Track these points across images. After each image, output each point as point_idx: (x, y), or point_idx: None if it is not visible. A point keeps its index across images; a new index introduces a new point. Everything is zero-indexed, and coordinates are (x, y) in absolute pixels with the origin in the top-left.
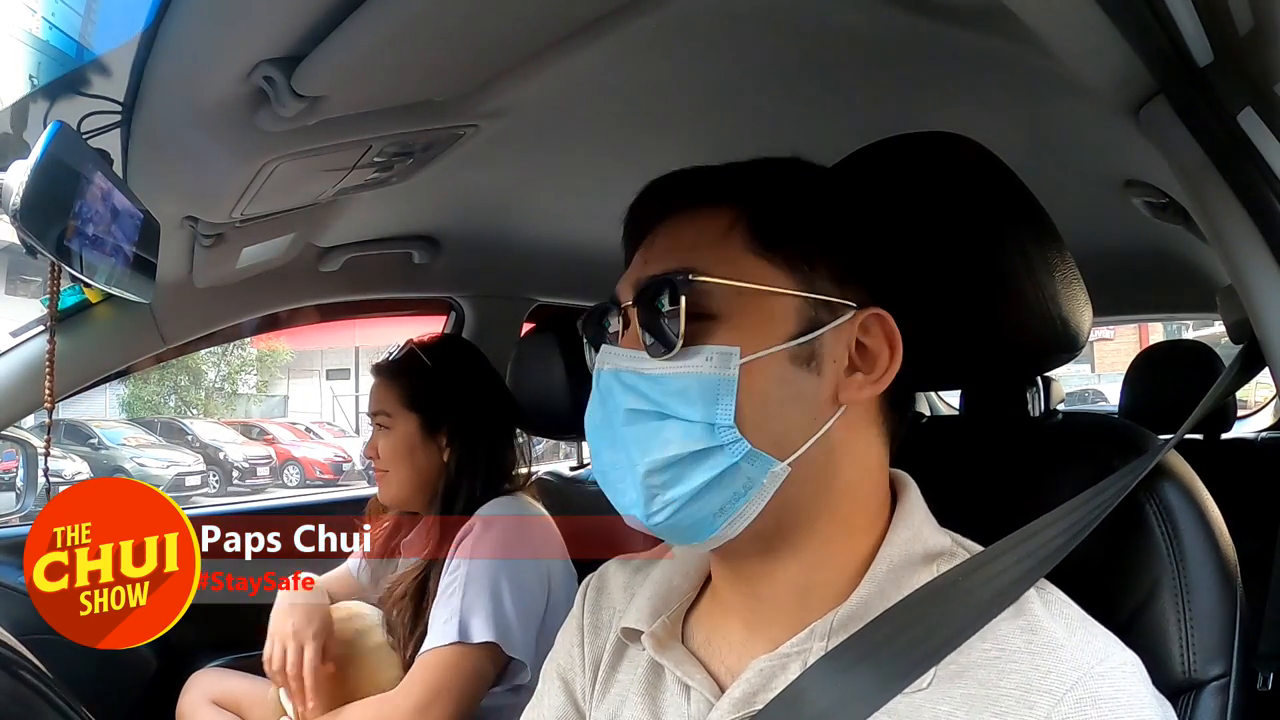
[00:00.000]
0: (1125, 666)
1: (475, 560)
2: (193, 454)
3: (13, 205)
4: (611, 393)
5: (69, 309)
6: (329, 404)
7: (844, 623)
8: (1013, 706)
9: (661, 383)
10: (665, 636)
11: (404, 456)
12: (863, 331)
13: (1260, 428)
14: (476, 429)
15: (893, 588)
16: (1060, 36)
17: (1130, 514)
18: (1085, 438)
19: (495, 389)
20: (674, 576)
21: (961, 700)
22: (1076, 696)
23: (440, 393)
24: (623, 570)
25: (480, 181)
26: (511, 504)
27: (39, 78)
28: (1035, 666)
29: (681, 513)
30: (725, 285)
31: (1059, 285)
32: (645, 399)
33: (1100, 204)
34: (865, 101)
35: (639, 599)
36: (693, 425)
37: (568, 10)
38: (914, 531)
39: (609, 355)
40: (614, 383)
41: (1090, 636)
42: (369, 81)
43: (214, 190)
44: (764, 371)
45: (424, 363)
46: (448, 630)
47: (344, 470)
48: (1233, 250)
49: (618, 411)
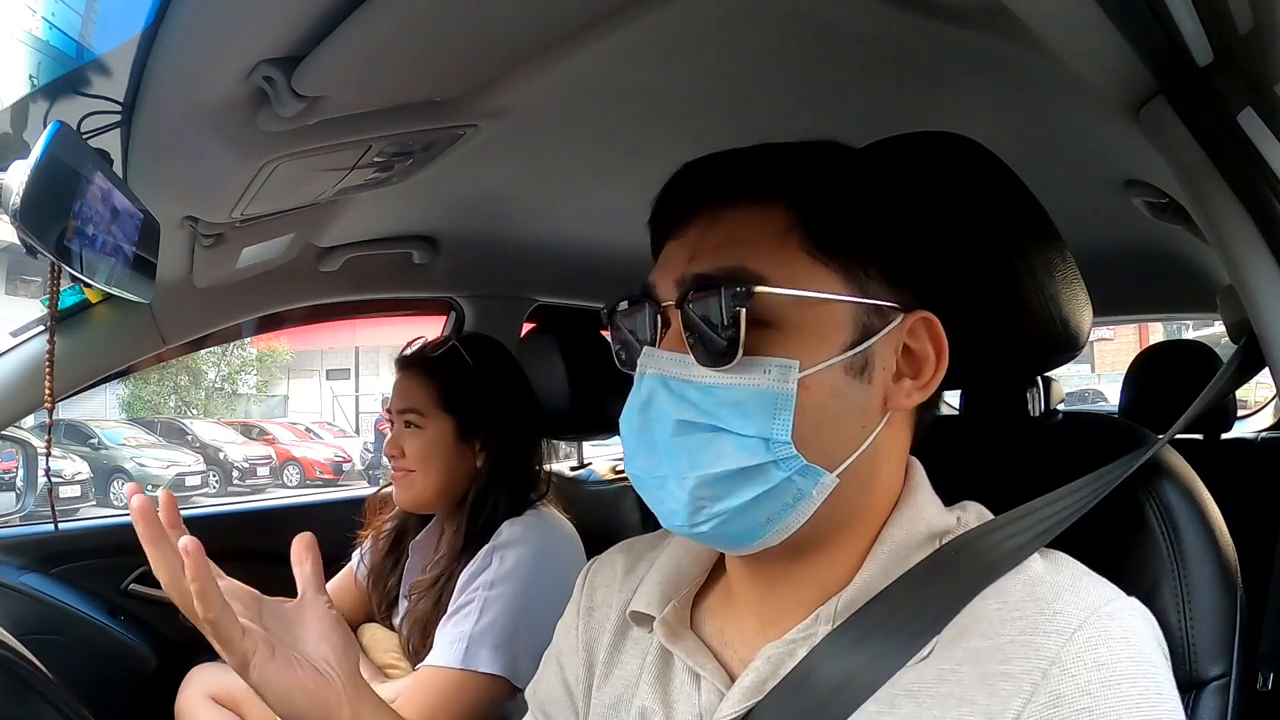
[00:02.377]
0: (1133, 609)
1: (496, 588)
2: (193, 454)
3: (13, 205)
4: (655, 400)
5: (69, 309)
6: (329, 404)
7: (848, 605)
8: (1018, 651)
9: (714, 394)
10: (676, 624)
11: (434, 459)
12: (910, 335)
13: (1260, 428)
14: (512, 435)
15: (896, 566)
16: (1060, 36)
17: (1130, 513)
18: (1086, 437)
19: (528, 393)
20: (683, 560)
21: (965, 655)
22: (1086, 635)
23: (480, 395)
24: (625, 554)
25: (480, 181)
26: (538, 525)
27: (39, 78)
28: (1040, 611)
29: (728, 524)
30: (788, 296)
31: (1059, 285)
32: (696, 409)
33: (1100, 204)
34: (865, 101)
35: (648, 582)
36: (746, 440)
37: (568, 10)
38: (915, 512)
39: (653, 359)
40: (660, 389)
41: (1096, 583)
42: (369, 81)
43: (214, 190)
44: (820, 384)
45: (465, 361)
46: (451, 653)
47: (344, 470)
48: (1233, 250)
49: (664, 420)
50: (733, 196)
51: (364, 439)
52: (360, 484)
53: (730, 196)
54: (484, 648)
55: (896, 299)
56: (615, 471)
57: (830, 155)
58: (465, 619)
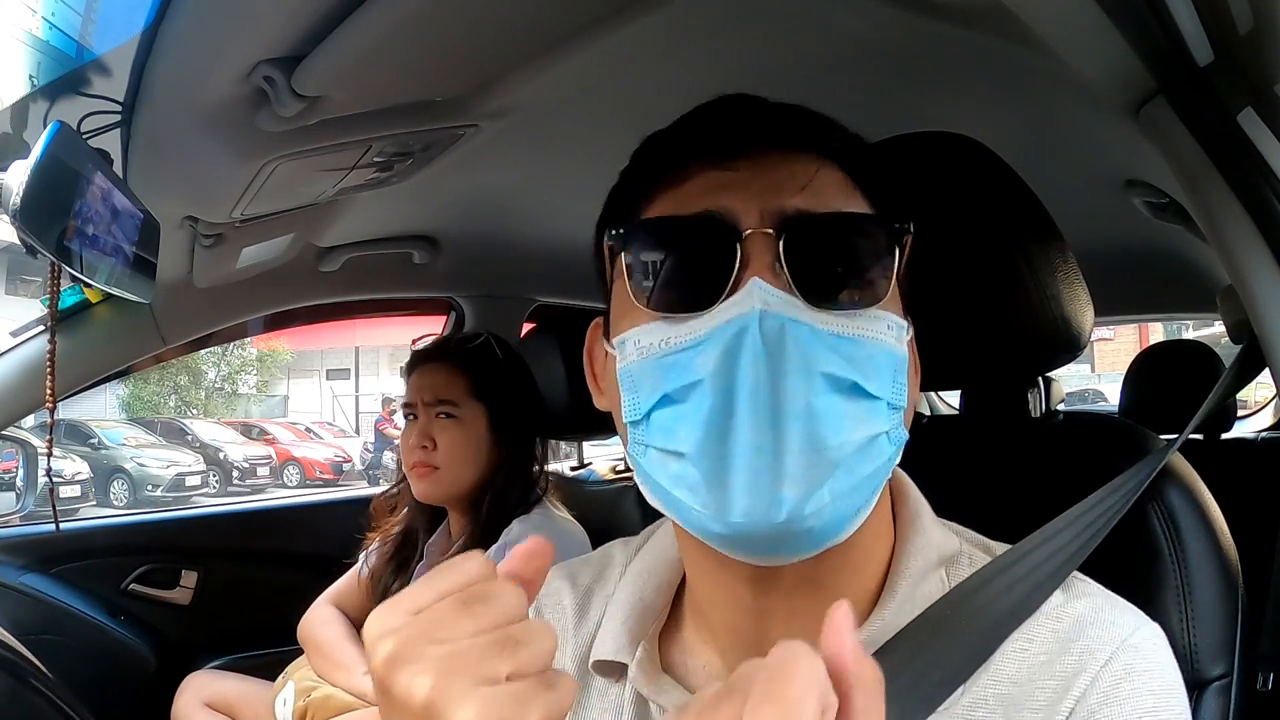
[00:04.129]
0: (1157, 638)
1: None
2: (193, 454)
3: (13, 205)
4: (786, 348)
5: (69, 309)
6: (329, 404)
7: (867, 646)
8: (1049, 699)
9: (854, 346)
10: (650, 667)
11: (468, 449)
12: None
13: (1260, 428)
14: (528, 430)
15: (909, 603)
16: (1060, 36)
17: (1132, 514)
18: (1086, 438)
19: (537, 391)
20: (645, 592)
21: (997, 702)
22: (1113, 670)
23: (508, 388)
24: (570, 589)
25: (480, 181)
26: (546, 522)
27: (39, 78)
28: (1066, 650)
29: (833, 510)
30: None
31: (1061, 285)
32: (843, 362)
33: (1100, 204)
34: (866, 101)
35: (610, 624)
36: (877, 403)
37: (568, 10)
38: (926, 538)
39: (768, 294)
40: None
41: (1116, 610)
42: (369, 81)
43: (214, 190)
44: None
45: (496, 355)
46: None
47: (344, 470)
48: (1233, 250)
49: (805, 375)
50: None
51: (364, 439)
52: (360, 484)
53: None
54: None
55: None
56: (615, 471)
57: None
58: None
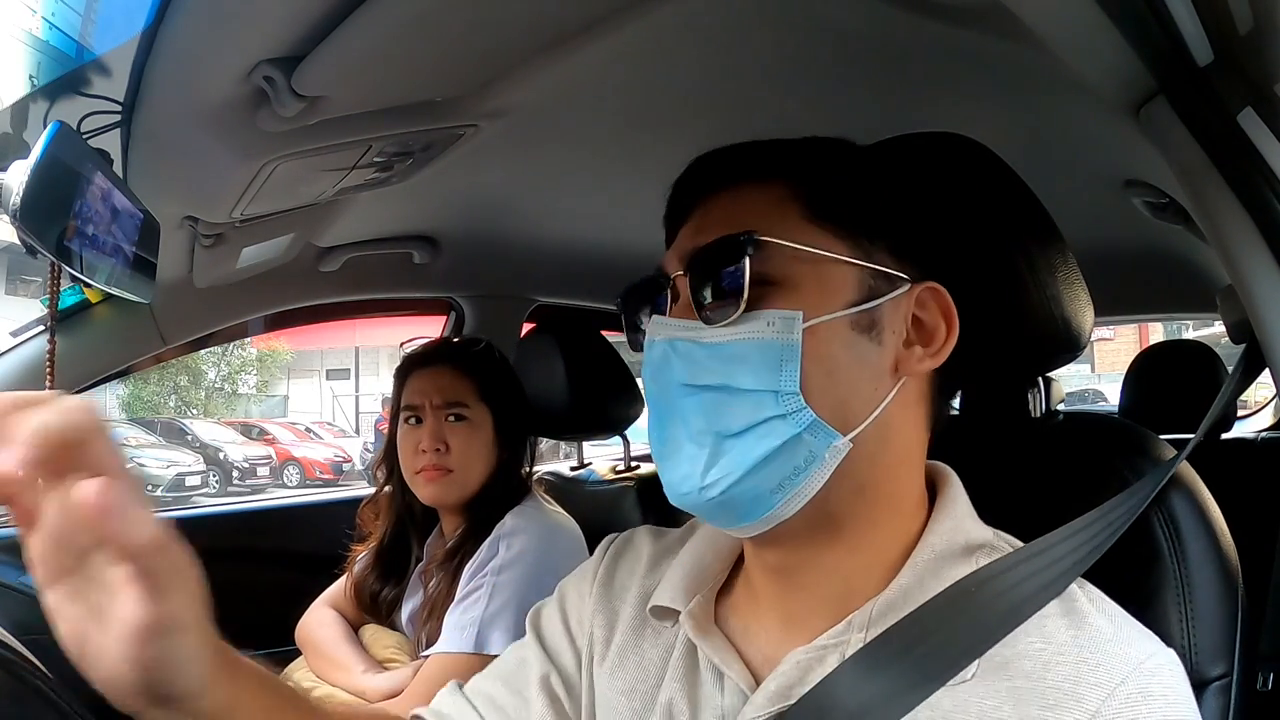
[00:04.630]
0: (1172, 665)
1: (504, 573)
2: (193, 454)
3: (13, 205)
4: (667, 364)
5: (69, 309)
6: (329, 404)
7: (883, 612)
8: (1060, 699)
9: (721, 351)
10: (703, 619)
11: (479, 451)
12: (919, 306)
13: (1260, 428)
14: (523, 429)
15: (932, 579)
16: (1060, 36)
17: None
18: (1086, 438)
19: (523, 394)
20: (705, 554)
21: (1008, 694)
22: (1127, 692)
23: (508, 389)
24: (653, 543)
25: (480, 181)
26: (538, 514)
27: (39, 78)
28: (1083, 660)
29: (738, 487)
30: (787, 247)
31: (1061, 285)
32: (704, 369)
33: (1100, 204)
34: (866, 101)
35: (671, 577)
36: (755, 394)
37: (568, 10)
38: (956, 522)
39: (661, 325)
40: (669, 353)
41: (1136, 633)
42: (369, 81)
43: (214, 190)
44: (828, 336)
45: (496, 358)
46: (462, 638)
47: (344, 470)
48: (1233, 250)
49: (672, 384)
50: (738, 179)
51: (364, 439)
52: (360, 484)
53: (735, 179)
54: (496, 630)
55: (902, 269)
56: (615, 471)
57: (834, 143)
58: (475, 605)
